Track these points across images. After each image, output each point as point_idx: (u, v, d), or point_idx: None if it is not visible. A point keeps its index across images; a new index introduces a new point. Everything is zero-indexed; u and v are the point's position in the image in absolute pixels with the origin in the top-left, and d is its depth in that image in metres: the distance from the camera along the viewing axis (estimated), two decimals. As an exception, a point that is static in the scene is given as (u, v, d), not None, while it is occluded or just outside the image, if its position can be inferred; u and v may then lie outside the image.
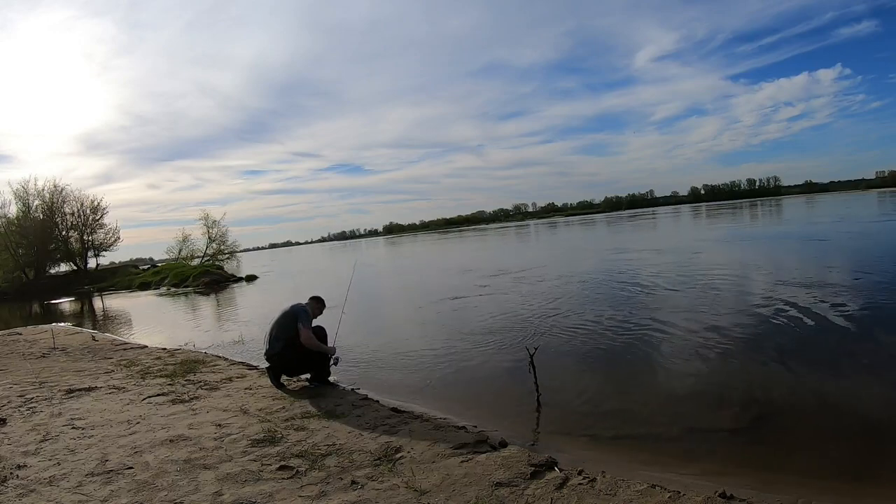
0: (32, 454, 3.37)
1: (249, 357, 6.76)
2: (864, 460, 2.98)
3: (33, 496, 2.75)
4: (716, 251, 15.01)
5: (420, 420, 3.86)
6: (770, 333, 5.60)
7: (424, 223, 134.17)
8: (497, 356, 5.82)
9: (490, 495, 2.57)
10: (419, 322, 8.70)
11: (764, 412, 3.70)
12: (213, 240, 35.82)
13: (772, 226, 25.25)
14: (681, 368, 4.79)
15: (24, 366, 6.78)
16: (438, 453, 3.14)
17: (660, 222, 40.96)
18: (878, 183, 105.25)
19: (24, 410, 4.45)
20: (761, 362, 4.72)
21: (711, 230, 25.77)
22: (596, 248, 20.82)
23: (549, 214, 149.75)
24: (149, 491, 2.78)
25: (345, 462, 3.07)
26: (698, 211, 64.14)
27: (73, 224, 35.94)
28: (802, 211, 37.01)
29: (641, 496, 2.50)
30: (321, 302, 5.28)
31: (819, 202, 52.15)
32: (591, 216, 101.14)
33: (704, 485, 2.63)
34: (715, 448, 3.28)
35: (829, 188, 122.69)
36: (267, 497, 2.66)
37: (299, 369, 5.03)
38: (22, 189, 34.50)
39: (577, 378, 4.86)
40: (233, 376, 5.57)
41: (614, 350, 5.62)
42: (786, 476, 2.84)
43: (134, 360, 6.85)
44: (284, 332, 4.82)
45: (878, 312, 6.00)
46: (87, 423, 4.03)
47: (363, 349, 6.61)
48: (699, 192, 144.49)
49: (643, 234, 27.83)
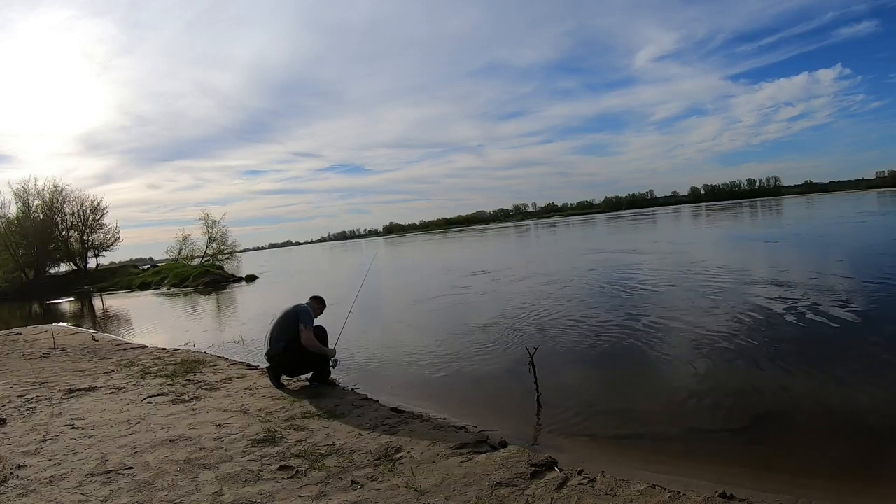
0: (32, 454, 3.37)
1: (249, 357, 6.75)
2: (864, 460, 2.98)
3: (33, 496, 2.75)
4: (715, 251, 15.01)
5: (420, 420, 3.86)
6: (770, 333, 5.59)
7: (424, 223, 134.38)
8: (497, 356, 5.82)
9: (490, 495, 2.57)
10: (419, 322, 8.70)
11: (764, 412, 3.70)
12: (213, 240, 35.88)
13: (770, 226, 25.25)
14: (681, 368, 4.79)
15: (24, 366, 6.78)
16: (438, 453, 3.14)
17: (659, 222, 40.95)
18: (878, 183, 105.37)
19: (24, 410, 4.45)
20: (761, 362, 4.71)
21: (711, 230, 25.76)
22: (595, 248, 20.81)
23: (549, 214, 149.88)
24: (149, 491, 2.78)
25: (345, 462, 3.07)
26: (698, 211, 64.15)
27: (73, 224, 36.00)
28: (802, 211, 37.04)
29: (641, 496, 2.50)
30: (321, 302, 5.30)
31: (819, 202, 52.16)
32: (591, 216, 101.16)
33: (704, 485, 2.63)
34: (715, 448, 3.28)
35: (829, 188, 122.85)
36: (267, 497, 2.66)
37: (299, 369, 5.04)
38: (22, 189, 34.61)
39: (576, 378, 4.86)
40: (233, 376, 5.57)
41: (614, 350, 5.61)
42: (786, 476, 2.84)
43: (134, 360, 6.85)
44: (285, 333, 4.82)
45: (878, 312, 6.00)
46: (87, 423, 4.03)
47: (363, 349, 6.61)
48: (699, 192, 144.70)
49: (643, 233, 27.82)
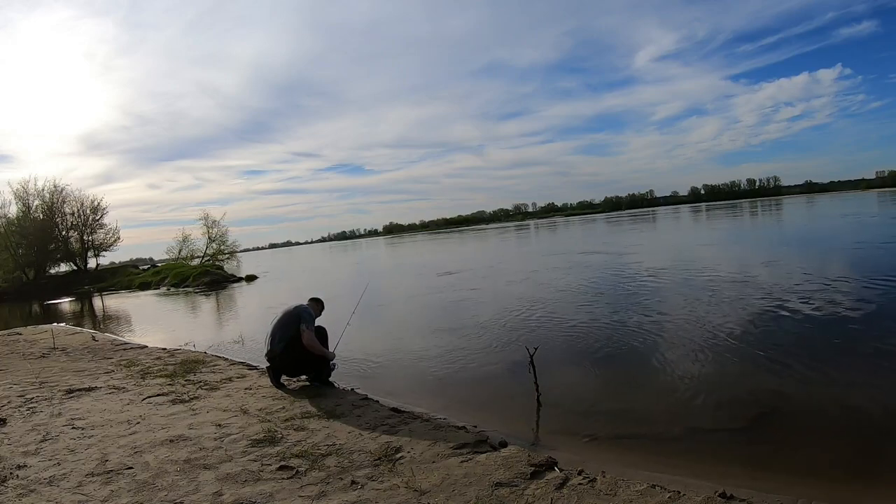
0: (32, 454, 3.37)
1: (249, 357, 6.75)
2: (864, 460, 2.98)
3: (33, 496, 2.75)
4: (714, 251, 15.01)
5: (420, 420, 3.86)
6: (770, 333, 5.59)
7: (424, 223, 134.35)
8: (497, 356, 5.82)
9: (490, 495, 2.56)
10: (420, 322, 8.70)
11: (764, 412, 3.70)
12: (213, 240, 35.90)
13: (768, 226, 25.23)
14: (681, 368, 4.79)
15: (24, 366, 6.78)
16: (438, 453, 3.14)
17: (659, 221, 40.94)
18: (878, 183, 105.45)
19: (24, 410, 4.45)
20: (761, 362, 4.72)
21: (709, 230, 25.74)
22: (594, 249, 20.81)
23: (550, 214, 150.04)
24: (149, 491, 2.78)
25: (345, 462, 3.07)
26: (698, 211, 64.11)
27: (73, 224, 36.00)
28: (801, 211, 37.00)
29: (641, 496, 2.50)
30: (320, 303, 5.30)
31: (819, 202, 52.12)
32: (592, 216, 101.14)
33: (704, 485, 2.63)
34: (715, 448, 3.28)
35: (829, 188, 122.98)
36: (267, 497, 2.66)
37: (300, 370, 5.03)
38: (22, 189, 34.58)
39: (576, 378, 4.86)
40: (233, 376, 5.57)
41: (614, 350, 5.61)
42: (786, 476, 2.84)
43: (134, 360, 6.84)
44: (286, 333, 4.82)
45: (878, 312, 6.00)
46: (87, 424, 4.03)
47: (363, 350, 6.60)
48: (699, 192, 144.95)
49: (644, 233, 27.82)
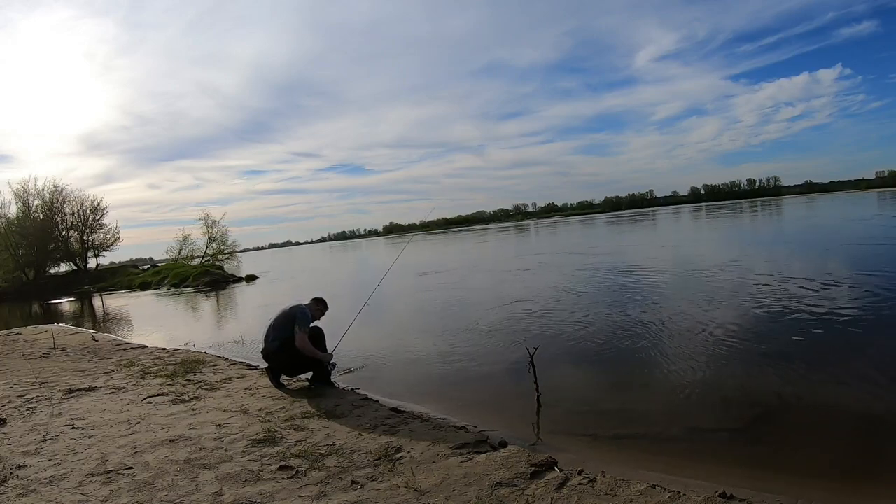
0: (32, 454, 3.37)
1: (249, 357, 6.75)
2: (863, 460, 2.98)
3: (33, 496, 2.75)
4: (713, 250, 15.01)
5: (420, 420, 3.86)
6: (769, 333, 5.59)
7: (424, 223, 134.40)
8: (497, 356, 5.82)
9: (490, 495, 2.56)
10: (419, 321, 8.70)
11: (764, 412, 3.70)
12: (213, 240, 35.91)
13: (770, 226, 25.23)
14: (681, 368, 4.78)
15: (24, 366, 6.78)
16: (438, 453, 3.14)
17: (659, 221, 40.94)
18: (878, 183, 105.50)
19: (24, 410, 4.45)
20: (761, 362, 4.72)
21: (709, 230, 25.73)
22: (597, 248, 20.81)
23: (550, 214, 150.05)
24: (149, 491, 2.78)
25: (345, 462, 3.07)
26: (698, 211, 64.13)
27: (73, 224, 35.99)
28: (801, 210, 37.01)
29: (641, 496, 2.50)
30: (323, 304, 5.19)
31: (818, 202, 52.12)
32: (592, 216, 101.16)
33: (704, 485, 2.63)
34: (715, 448, 3.28)
35: (829, 188, 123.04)
36: (267, 497, 2.66)
37: (298, 369, 5.01)
38: (22, 189, 34.58)
39: (577, 378, 4.86)
40: (233, 376, 5.57)
41: (614, 350, 5.61)
42: (786, 476, 2.84)
43: (134, 360, 6.85)
44: (281, 332, 4.80)
45: (878, 312, 5.99)
46: (87, 424, 4.03)
47: (363, 350, 6.60)
48: (699, 192, 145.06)
49: (643, 233, 27.81)
